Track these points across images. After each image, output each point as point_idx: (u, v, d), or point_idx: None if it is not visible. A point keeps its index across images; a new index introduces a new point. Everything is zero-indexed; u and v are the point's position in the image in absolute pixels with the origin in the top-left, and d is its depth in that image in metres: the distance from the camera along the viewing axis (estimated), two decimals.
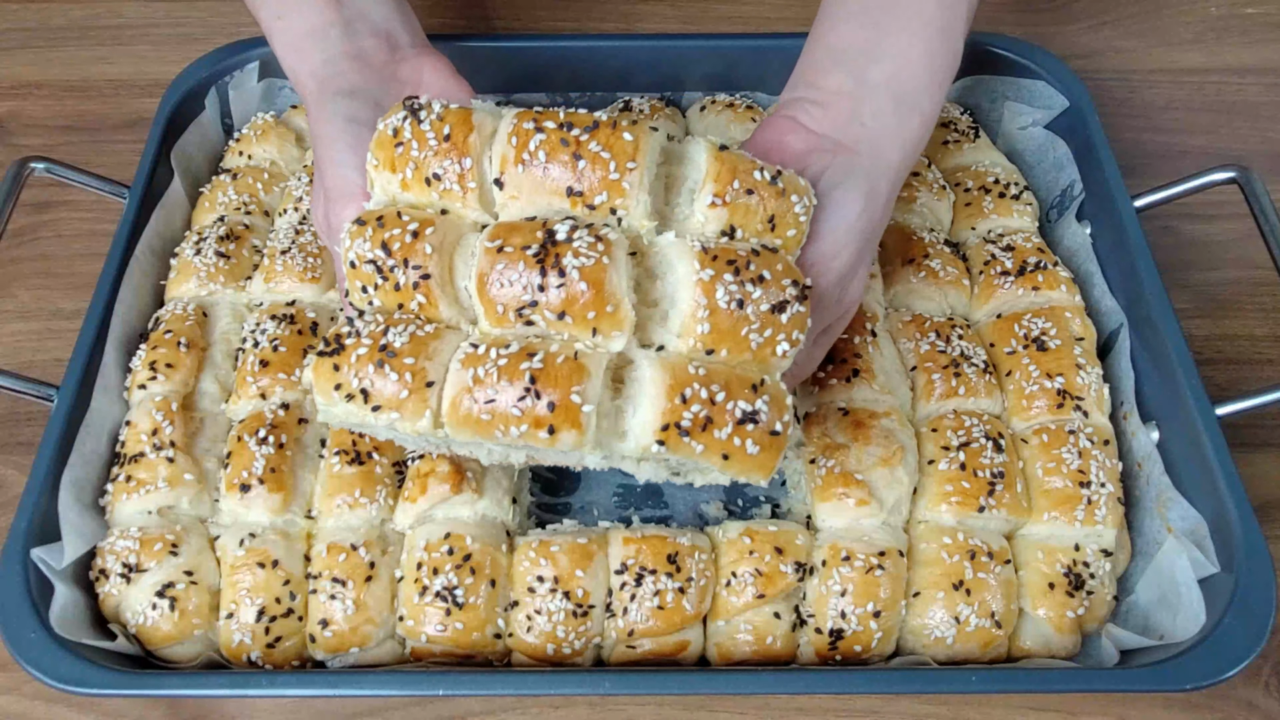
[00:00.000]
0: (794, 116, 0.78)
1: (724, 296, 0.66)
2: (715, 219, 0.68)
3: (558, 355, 0.66)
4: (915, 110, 0.79)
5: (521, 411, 0.65)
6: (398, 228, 0.69)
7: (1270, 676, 0.82)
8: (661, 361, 0.66)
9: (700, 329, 0.66)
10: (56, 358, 1.00)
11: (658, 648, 0.78)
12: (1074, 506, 0.81)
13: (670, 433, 0.65)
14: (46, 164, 0.99)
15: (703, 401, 0.65)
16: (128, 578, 0.77)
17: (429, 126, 0.70)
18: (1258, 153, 1.17)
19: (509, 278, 0.66)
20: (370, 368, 0.67)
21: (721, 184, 0.68)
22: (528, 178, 0.68)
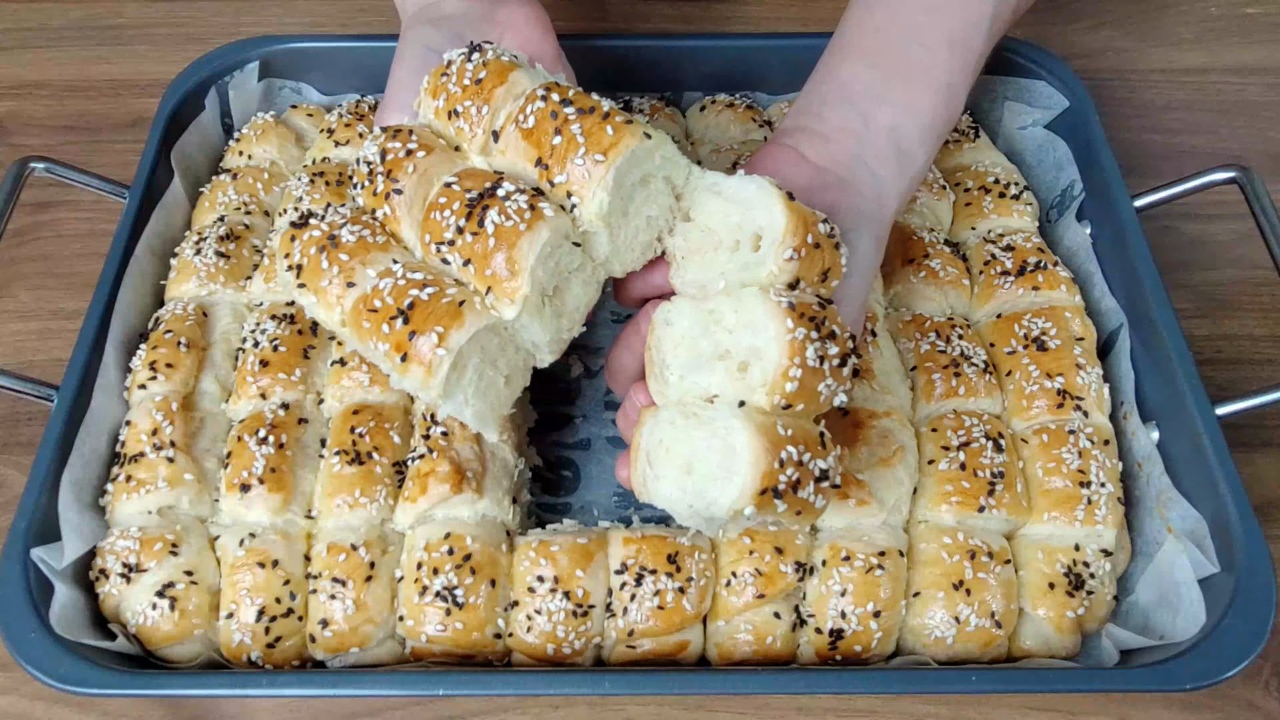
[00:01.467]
0: (795, 147, 0.77)
1: (812, 356, 0.66)
2: (788, 272, 0.68)
3: (444, 297, 0.68)
4: (912, 162, 0.79)
5: (390, 330, 0.68)
6: (400, 142, 0.73)
7: (1270, 676, 0.82)
8: (756, 426, 0.65)
9: (789, 387, 0.66)
10: (56, 358, 1.00)
11: (658, 648, 0.78)
12: (1074, 506, 0.81)
13: (765, 497, 0.65)
14: (46, 164, 0.99)
15: (795, 465, 0.65)
16: (128, 578, 0.77)
17: (472, 68, 0.73)
18: (1258, 153, 1.17)
19: (444, 214, 0.70)
20: (314, 249, 0.72)
21: (800, 238, 0.67)
22: (515, 138, 0.71)
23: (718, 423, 0.67)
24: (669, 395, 0.71)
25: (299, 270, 0.71)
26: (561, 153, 0.69)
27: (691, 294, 0.71)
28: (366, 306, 0.69)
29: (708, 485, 0.66)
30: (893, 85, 0.80)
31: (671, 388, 0.70)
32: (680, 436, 0.68)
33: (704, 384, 0.69)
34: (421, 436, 0.83)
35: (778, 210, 0.67)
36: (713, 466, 0.66)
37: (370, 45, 1.12)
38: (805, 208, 0.68)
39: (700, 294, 0.71)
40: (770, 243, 0.67)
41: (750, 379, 0.67)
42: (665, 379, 0.71)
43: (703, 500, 0.67)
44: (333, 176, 1.01)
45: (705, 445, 0.67)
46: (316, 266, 0.71)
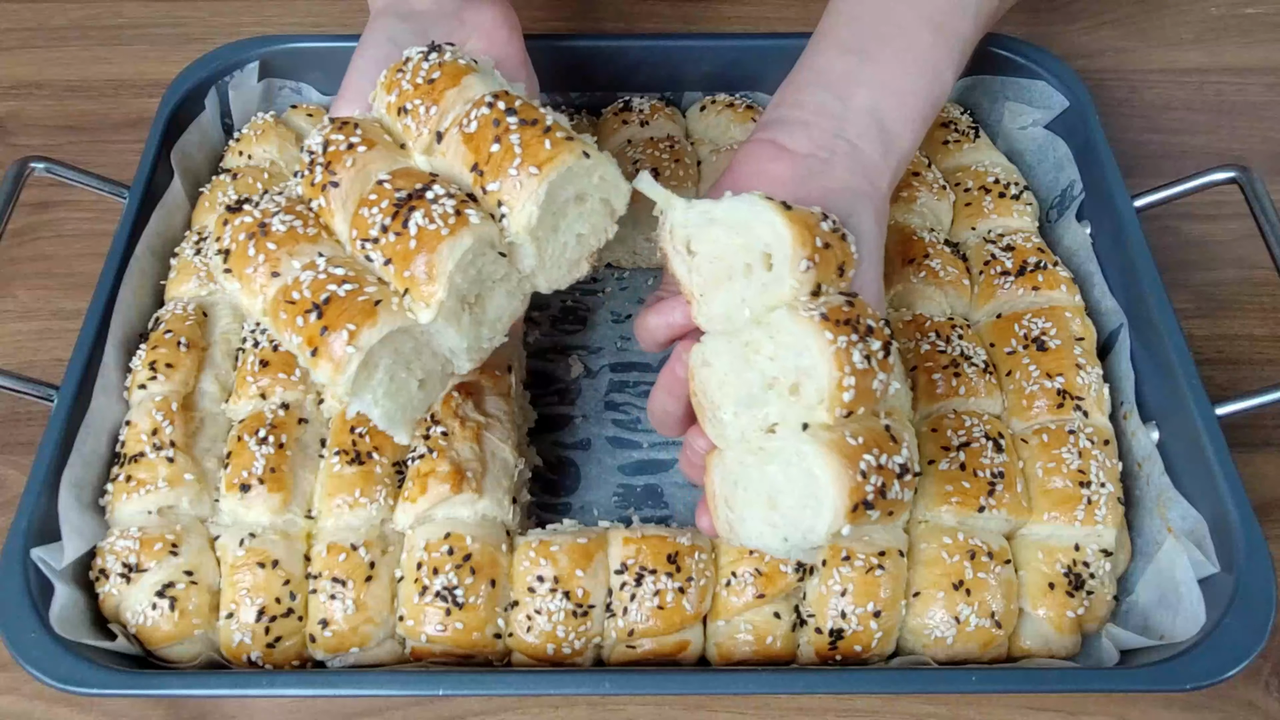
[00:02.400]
0: (773, 139, 0.75)
1: (859, 359, 0.64)
2: (808, 281, 0.66)
3: (361, 295, 0.67)
4: (897, 141, 0.77)
5: (305, 323, 0.67)
6: (344, 135, 0.72)
7: (1270, 676, 0.82)
8: (828, 445, 0.63)
9: (846, 396, 0.64)
10: (56, 358, 1.00)
11: (658, 648, 0.78)
12: (1074, 506, 0.81)
13: (859, 512, 0.63)
14: (46, 164, 0.99)
15: (876, 470, 0.64)
16: (128, 578, 0.77)
17: (427, 67, 0.73)
18: (1258, 153, 1.16)
19: (372, 211, 0.69)
20: (243, 236, 0.71)
21: (809, 245, 0.65)
22: (456, 141, 0.71)
23: (788, 452, 0.65)
24: (728, 436, 0.68)
25: (226, 255, 0.71)
26: (498, 161, 0.69)
27: (720, 328, 0.69)
28: (285, 298, 0.68)
29: (797, 516, 0.64)
30: (869, 67, 0.78)
31: (728, 427, 0.68)
32: (753, 475, 0.66)
33: (760, 416, 0.67)
34: (421, 436, 0.83)
35: (779, 224, 0.65)
36: (796, 496, 0.64)
37: None
38: (804, 211, 0.67)
39: (729, 326, 0.68)
40: (781, 259, 0.65)
41: (805, 399, 0.65)
42: (720, 420, 0.68)
43: (796, 531, 0.64)
44: None
45: (782, 477, 0.65)
46: (244, 253, 0.70)
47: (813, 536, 0.64)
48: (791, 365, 0.65)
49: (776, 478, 0.65)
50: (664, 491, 0.92)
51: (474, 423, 0.84)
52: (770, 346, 0.66)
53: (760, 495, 0.66)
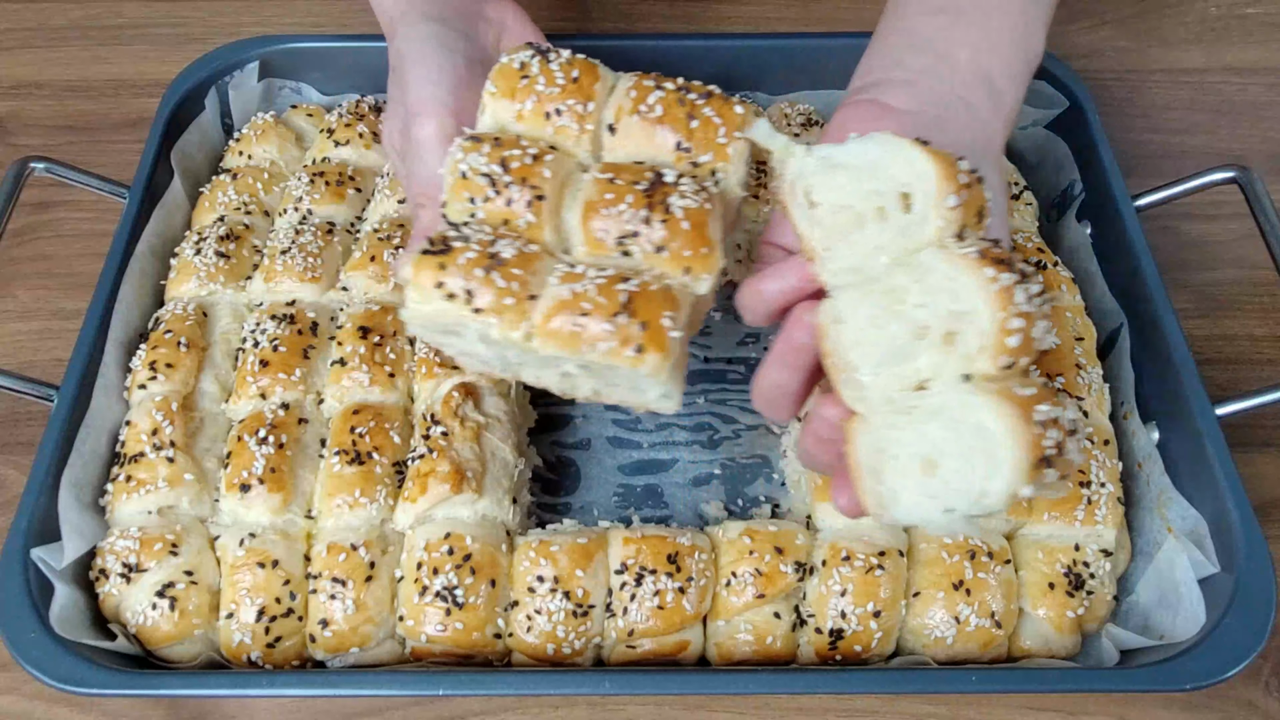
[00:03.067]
0: (876, 99, 0.71)
1: (1022, 299, 0.58)
2: (955, 220, 0.61)
3: (651, 284, 0.68)
4: (1003, 99, 0.74)
5: (614, 328, 0.67)
6: (517, 149, 0.72)
7: (1270, 676, 0.82)
8: (996, 396, 0.58)
9: (1011, 341, 0.58)
10: (56, 358, 1.00)
11: (658, 648, 0.78)
12: (1074, 506, 0.81)
13: (1038, 469, 0.57)
14: (46, 164, 0.99)
15: (1051, 424, 0.57)
16: (128, 578, 0.77)
17: (558, 68, 0.75)
18: (1258, 153, 1.17)
19: (616, 208, 0.70)
20: (479, 271, 0.68)
21: (954, 181, 0.61)
22: (640, 127, 0.73)
23: (950, 407, 0.59)
24: (871, 399, 0.62)
25: (469, 296, 0.68)
26: (702, 135, 0.72)
27: (849, 281, 0.63)
28: (574, 312, 0.67)
29: (963, 480, 0.58)
30: (964, 27, 0.74)
31: (869, 389, 0.61)
32: (908, 438, 0.60)
33: (907, 373, 0.61)
34: (421, 436, 0.83)
35: (922, 161, 0.61)
36: (961, 458, 0.58)
37: (370, 45, 1.12)
38: (939, 149, 0.62)
39: (860, 278, 0.63)
40: (924, 196, 0.61)
41: (963, 347, 0.59)
42: (858, 382, 0.62)
43: (963, 498, 0.58)
44: (333, 176, 1.01)
45: (943, 438, 0.59)
46: (491, 286, 0.68)
47: (986, 501, 0.58)
48: (945, 310, 0.60)
49: (936, 438, 0.59)
50: (664, 491, 0.92)
51: (474, 423, 0.84)
52: (918, 292, 0.61)
53: (915, 461, 0.60)
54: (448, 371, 0.87)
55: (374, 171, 1.05)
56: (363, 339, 0.88)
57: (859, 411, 0.62)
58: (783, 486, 0.91)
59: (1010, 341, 0.58)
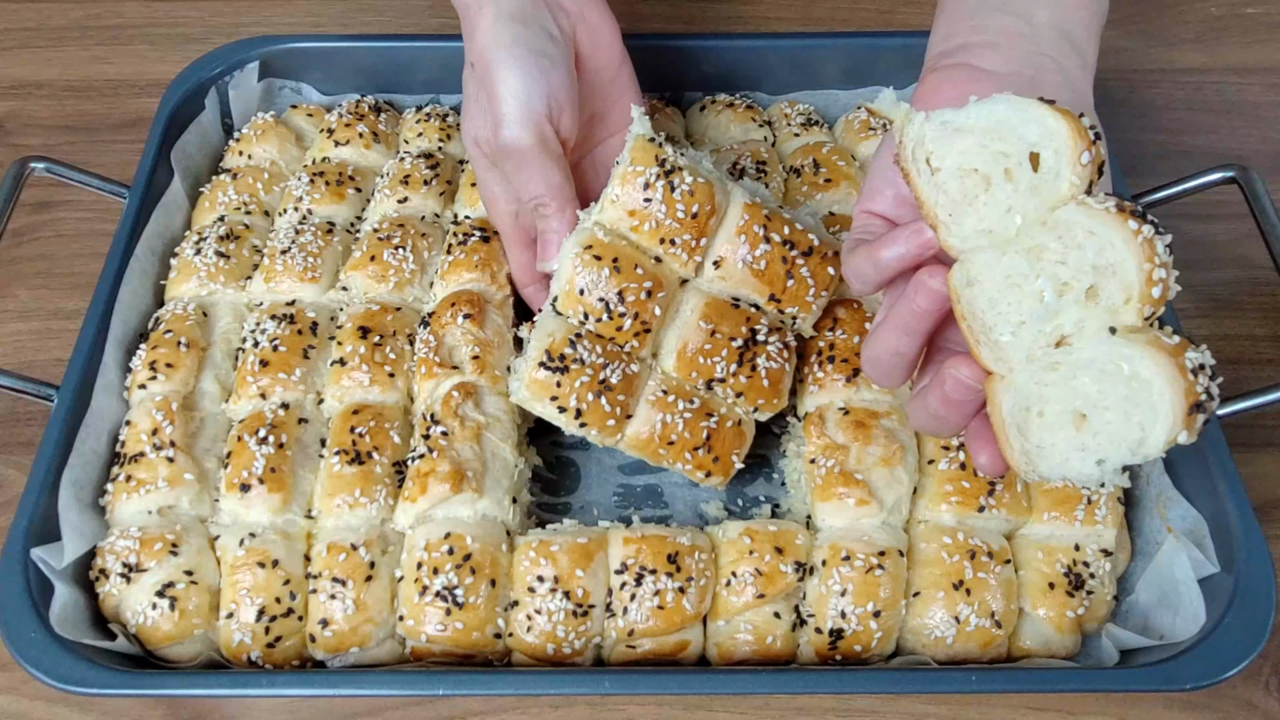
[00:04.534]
0: (966, 63, 0.71)
1: (1162, 250, 0.59)
2: (1087, 175, 0.61)
3: (727, 419, 0.85)
4: (1086, 56, 0.73)
5: (693, 457, 0.85)
6: (634, 281, 0.83)
7: (1270, 676, 0.82)
8: (1149, 345, 0.59)
9: (1155, 292, 0.59)
10: (56, 358, 1.00)
11: (658, 648, 0.78)
12: (1074, 506, 0.81)
13: (1193, 416, 0.58)
14: (46, 164, 0.99)
15: (1199, 369, 0.58)
16: (128, 577, 0.77)
17: (680, 198, 0.84)
18: (1258, 153, 1.16)
19: (712, 357, 0.85)
20: (590, 395, 0.82)
21: (1084, 137, 0.61)
22: (743, 273, 0.86)
23: (1101, 359, 0.60)
24: (1012, 358, 0.63)
25: (578, 414, 0.83)
26: (794, 292, 0.86)
27: (980, 244, 0.63)
28: (664, 438, 0.84)
29: (1118, 431, 0.59)
30: None
31: (1010, 348, 0.62)
32: (1055, 394, 0.61)
33: (1048, 330, 0.62)
34: (421, 436, 0.83)
35: (1051, 118, 0.61)
36: (1117, 408, 0.59)
37: (370, 45, 1.12)
38: (1064, 107, 0.62)
39: (993, 240, 0.63)
40: (1057, 154, 0.61)
41: (1107, 300, 0.60)
42: (998, 342, 0.63)
43: (1118, 448, 0.60)
44: (332, 176, 1.01)
45: (1096, 389, 0.60)
46: (598, 409, 0.83)
47: (1144, 449, 0.59)
48: (1088, 264, 0.60)
49: (1087, 391, 0.60)
50: (664, 491, 0.92)
51: (474, 423, 0.84)
52: (1059, 248, 0.61)
53: (1066, 415, 0.61)
54: (447, 372, 0.87)
55: (374, 171, 1.05)
56: (363, 339, 0.88)
57: (998, 371, 0.63)
58: (783, 486, 0.91)
59: (1155, 292, 0.59)
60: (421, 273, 0.94)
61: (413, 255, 0.94)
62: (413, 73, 1.12)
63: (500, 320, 0.91)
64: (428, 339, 0.88)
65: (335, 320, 0.93)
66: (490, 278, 0.92)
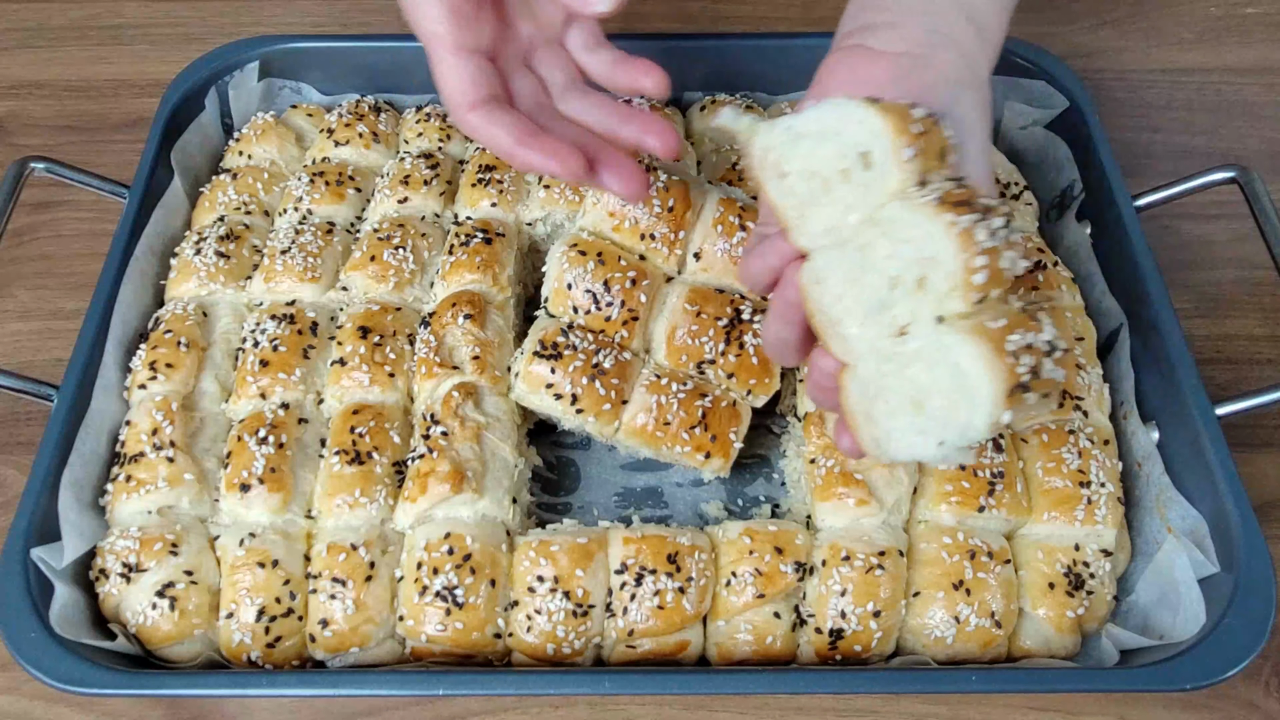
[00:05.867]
0: (860, 44, 0.71)
1: (984, 236, 0.61)
2: (913, 170, 0.63)
3: (721, 400, 0.86)
4: (988, 32, 0.74)
5: (690, 437, 0.85)
6: (618, 271, 0.87)
7: (1270, 676, 0.82)
8: (967, 331, 0.61)
9: (977, 278, 0.60)
10: (56, 358, 1.00)
11: (658, 648, 0.78)
12: (1074, 506, 0.81)
13: (1015, 397, 0.60)
14: (46, 164, 0.99)
15: (1024, 349, 0.60)
16: (128, 577, 0.77)
17: (655, 194, 0.89)
18: (1258, 153, 1.17)
19: (699, 338, 0.86)
20: (584, 380, 0.84)
21: (906, 133, 0.63)
22: (724, 263, 0.89)
23: (928, 349, 0.62)
24: (858, 350, 0.65)
25: (574, 399, 0.84)
26: None
27: (825, 243, 0.66)
28: (660, 420, 0.85)
29: (949, 415, 0.61)
30: None
31: (855, 340, 0.65)
32: (893, 383, 0.63)
33: (888, 321, 0.64)
34: (421, 436, 0.83)
35: (873, 118, 0.63)
36: (945, 394, 0.61)
37: (370, 45, 1.12)
38: (891, 102, 0.64)
39: (836, 238, 0.65)
40: (881, 152, 0.63)
41: (934, 290, 0.62)
42: (845, 335, 0.65)
43: (953, 431, 0.61)
44: (332, 176, 1.01)
45: (926, 377, 0.62)
46: (593, 393, 0.84)
47: (971, 433, 0.61)
48: (914, 257, 0.62)
49: (920, 379, 0.62)
50: (664, 491, 0.92)
51: (474, 423, 0.84)
52: (887, 244, 0.63)
53: (904, 402, 0.63)
54: (447, 372, 0.87)
55: (374, 171, 1.05)
56: (363, 339, 0.88)
57: (849, 362, 0.66)
58: (783, 486, 0.91)
59: (976, 279, 0.61)
60: (422, 273, 0.94)
61: (413, 255, 0.94)
62: (413, 73, 1.11)
63: (501, 321, 0.91)
64: (428, 339, 0.88)
65: (335, 320, 0.93)
66: (491, 279, 0.92)
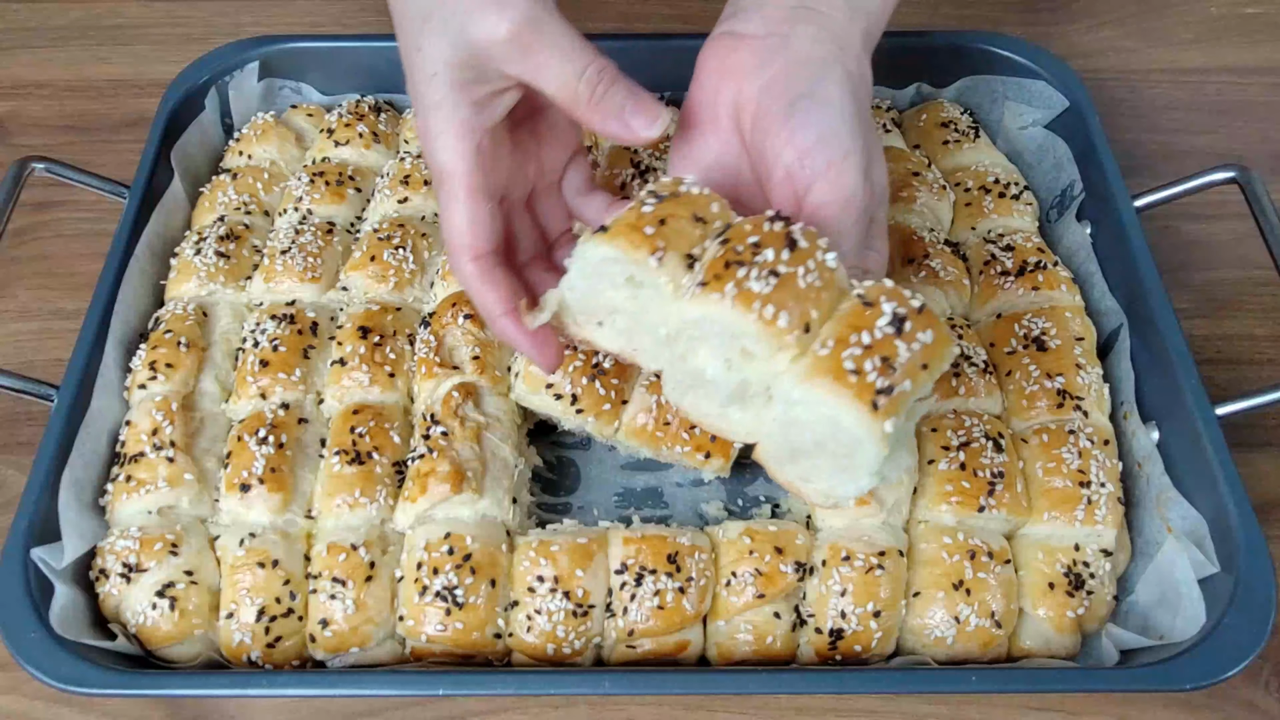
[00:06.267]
0: (729, 31, 0.72)
1: (759, 285, 0.63)
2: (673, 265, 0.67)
3: None
4: (864, 3, 0.73)
5: (690, 437, 0.85)
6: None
7: (1270, 676, 0.82)
8: (807, 370, 0.63)
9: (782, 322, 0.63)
10: (56, 358, 1.00)
11: (658, 648, 0.78)
12: (1074, 506, 0.81)
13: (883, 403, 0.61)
14: (46, 164, 0.99)
15: (865, 352, 0.62)
16: (128, 577, 0.77)
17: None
18: (1258, 153, 1.16)
19: None
20: (584, 380, 0.84)
21: (646, 245, 0.66)
22: None
23: (780, 404, 0.64)
24: (752, 429, 0.69)
25: (574, 399, 0.84)
26: None
27: (665, 359, 0.70)
28: (659, 420, 0.85)
29: (846, 453, 0.63)
30: None
31: (742, 423, 0.69)
32: (795, 437, 0.65)
33: (753, 396, 0.67)
34: (421, 436, 0.83)
35: (603, 248, 0.66)
36: (825, 436, 0.63)
37: (370, 45, 1.12)
38: (618, 219, 0.67)
39: (670, 353, 0.69)
40: (637, 271, 0.66)
41: (761, 354, 0.64)
42: (735, 422, 0.69)
43: (860, 467, 0.63)
44: (332, 176, 1.01)
45: (798, 431, 0.64)
46: (593, 393, 0.85)
47: (870, 459, 0.62)
48: (724, 338, 0.64)
49: (806, 433, 0.64)
50: (664, 491, 0.92)
51: (474, 423, 0.84)
52: (697, 342, 0.66)
53: (814, 453, 0.65)
54: (447, 372, 0.87)
55: (374, 171, 1.05)
56: (363, 339, 0.88)
57: (757, 441, 0.69)
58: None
59: (780, 323, 0.62)
60: (422, 273, 0.94)
61: (413, 255, 0.94)
62: None
63: None
64: (428, 339, 0.88)
65: (335, 320, 0.93)
66: None
